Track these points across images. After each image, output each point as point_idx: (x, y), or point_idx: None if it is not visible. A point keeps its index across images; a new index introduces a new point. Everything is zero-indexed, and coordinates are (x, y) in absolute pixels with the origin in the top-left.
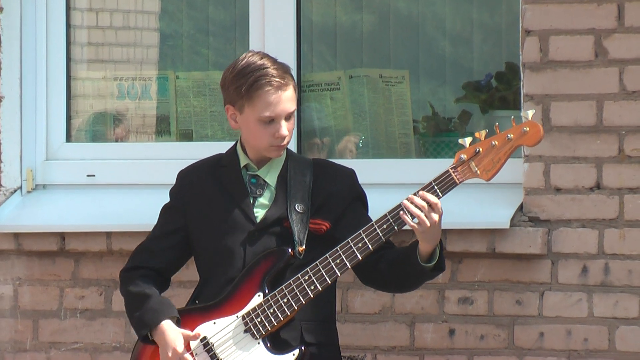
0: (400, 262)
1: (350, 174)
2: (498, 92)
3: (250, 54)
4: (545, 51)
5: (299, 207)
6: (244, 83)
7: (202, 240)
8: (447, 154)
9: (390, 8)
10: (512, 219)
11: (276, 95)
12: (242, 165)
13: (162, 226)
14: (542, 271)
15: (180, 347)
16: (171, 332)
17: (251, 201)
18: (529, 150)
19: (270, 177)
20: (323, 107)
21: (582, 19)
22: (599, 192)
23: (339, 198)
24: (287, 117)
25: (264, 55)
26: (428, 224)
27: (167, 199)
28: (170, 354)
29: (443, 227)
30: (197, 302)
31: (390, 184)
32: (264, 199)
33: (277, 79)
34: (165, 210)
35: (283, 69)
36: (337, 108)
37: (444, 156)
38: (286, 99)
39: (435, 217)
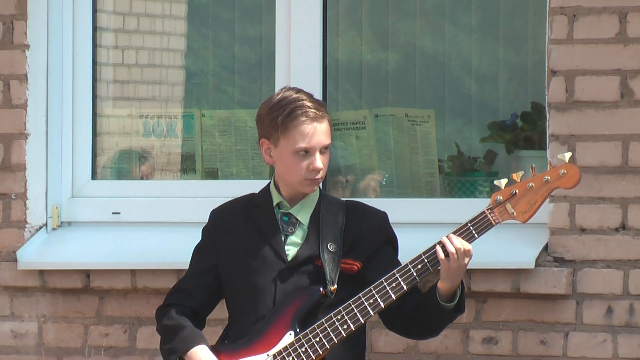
0: (421, 304)
1: (383, 216)
2: (523, 132)
3: (285, 89)
4: (571, 91)
5: (331, 247)
6: (279, 114)
7: (232, 277)
8: (472, 194)
9: (416, 47)
10: (537, 259)
11: (311, 126)
12: (274, 203)
13: (194, 265)
14: (566, 311)
15: None
16: (208, 356)
17: (282, 239)
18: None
19: (303, 215)
20: (348, 146)
21: (608, 60)
22: (624, 233)
23: (370, 239)
24: (322, 151)
25: (300, 90)
26: (455, 266)
27: (192, 237)
28: None
29: (468, 266)
30: (225, 341)
31: (415, 223)
32: (296, 237)
33: (313, 110)
34: (198, 250)
35: (319, 102)
36: (362, 147)
37: (469, 196)
38: (321, 131)
39: (466, 260)
